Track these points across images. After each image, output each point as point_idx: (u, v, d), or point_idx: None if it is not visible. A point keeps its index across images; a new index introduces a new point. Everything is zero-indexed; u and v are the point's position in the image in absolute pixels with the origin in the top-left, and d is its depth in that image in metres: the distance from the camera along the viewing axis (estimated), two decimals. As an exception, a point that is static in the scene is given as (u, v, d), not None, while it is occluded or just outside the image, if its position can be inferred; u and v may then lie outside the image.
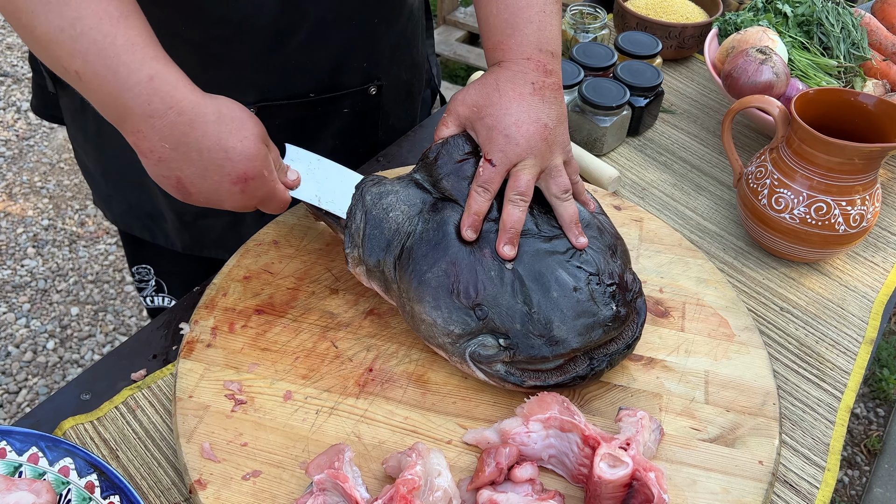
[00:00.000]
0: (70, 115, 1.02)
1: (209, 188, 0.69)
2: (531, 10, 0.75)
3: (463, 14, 3.27)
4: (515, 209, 0.73)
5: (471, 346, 0.72)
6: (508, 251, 0.72)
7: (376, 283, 0.77)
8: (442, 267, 0.72)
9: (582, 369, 0.73)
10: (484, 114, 0.74)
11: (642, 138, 1.17)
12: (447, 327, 0.72)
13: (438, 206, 0.76)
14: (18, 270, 2.38)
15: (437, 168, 0.77)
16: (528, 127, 0.72)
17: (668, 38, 1.29)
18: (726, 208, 1.05)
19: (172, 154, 0.66)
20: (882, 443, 2.05)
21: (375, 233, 0.76)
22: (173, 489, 0.71)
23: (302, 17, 0.87)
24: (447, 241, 0.73)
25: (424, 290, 0.72)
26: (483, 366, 0.72)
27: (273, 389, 0.74)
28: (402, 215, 0.76)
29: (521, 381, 0.72)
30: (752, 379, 0.78)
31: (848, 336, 0.90)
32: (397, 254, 0.75)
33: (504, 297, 0.71)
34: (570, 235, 0.74)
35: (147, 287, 1.23)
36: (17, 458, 0.66)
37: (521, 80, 0.74)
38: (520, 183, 0.73)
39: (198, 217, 1.03)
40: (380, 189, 0.77)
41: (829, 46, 1.18)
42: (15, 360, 2.14)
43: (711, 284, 0.88)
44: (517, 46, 0.75)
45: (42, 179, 2.70)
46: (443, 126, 0.78)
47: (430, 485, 0.62)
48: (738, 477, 0.69)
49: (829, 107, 0.92)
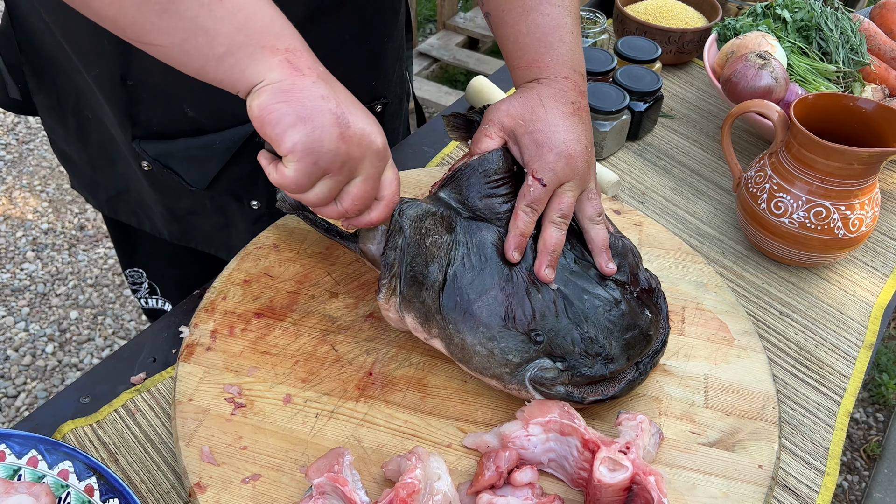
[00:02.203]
0: (46, 111, 1.02)
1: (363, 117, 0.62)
2: (562, 30, 0.75)
3: (463, 19, 3.28)
4: (557, 231, 0.71)
5: (530, 370, 0.69)
6: (549, 274, 0.70)
7: (413, 316, 0.72)
8: (492, 294, 0.69)
9: (632, 375, 0.72)
10: (532, 128, 0.72)
11: (642, 143, 1.17)
12: (505, 357, 0.69)
13: (472, 227, 0.73)
14: (17, 274, 2.38)
15: (469, 186, 0.74)
16: (574, 147, 0.71)
17: (668, 42, 1.30)
18: (726, 213, 1.06)
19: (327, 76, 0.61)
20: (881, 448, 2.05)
21: (417, 260, 0.71)
22: (173, 493, 0.70)
23: (322, 36, 0.86)
24: (490, 266, 0.71)
25: (475, 321, 0.69)
26: (544, 388, 0.70)
27: (273, 393, 0.74)
28: (440, 239, 0.72)
29: (582, 399, 0.70)
30: (752, 383, 0.78)
31: (847, 340, 0.90)
32: (440, 283, 0.71)
33: (556, 320, 0.70)
34: (599, 259, 0.73)
35: (140, 289, 1.24)
36: (17, 461, 0.66)
37: (562, 99, 0.73)
38: (563, 204, 0.72)
39: (188, 213, 1.03)
40: (416, 212, 0.72)
41: (828, 51, 1.19)
42: (14, 363, 2.13)
43: (711, 289, 0.88)
44: (553, 65, 0.74)
45: (42, 183, 2.70)
46: (486, 137, 0.75)
47: (430, 488, 0.62)
48: (738, 481, 0.69)
49: (828, 112, 0.92)
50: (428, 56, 3.20)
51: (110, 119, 0.94)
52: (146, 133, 0.93)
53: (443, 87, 3.00)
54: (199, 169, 0.96)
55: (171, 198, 1.01)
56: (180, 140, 0.93)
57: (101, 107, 0.94)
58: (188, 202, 1.02)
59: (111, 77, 0.87)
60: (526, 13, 0.76)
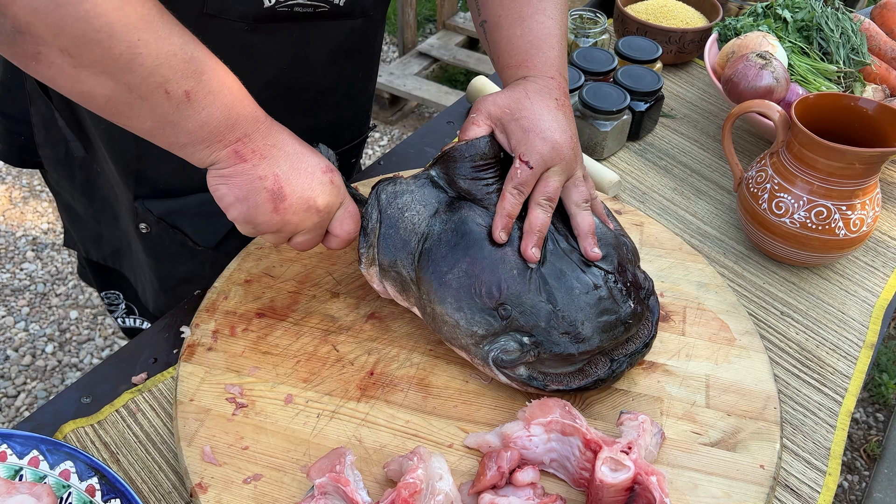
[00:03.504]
0: (53, 163, 1.03)
1: (303, 183, 0.71)
2: (552, 38, 0.80)
3: (462, 19, 3.28)
4: (543, 213, 0.73)
5: (493, 350, 0.71)
6: (535, 253, 0.72)
7: (391, 285, 0.77)
8: (462, 267, 0.72)
9: (603, 372, 0.73)
10: (518, 115, 0.75)
11: (643, 143, 1.17)
12: (470, 328, 0.71)
13: (455, 205, 0.76)
14: (17, 274, 2.38)
15: (456, 167, 0.76)
16: (560, 134, 0.74)
17: (669, 42, 1.30)
18: (727, 213, 1.06)
19: (273, 151, 0.69)
20: (882, 448, 2.05)
21: (391, 232, 0.75)
22: (174, 493, 0.70)
23: (306, 88, 0.92)
24: (467, 241, 0.73)
25: (446, 291, 0.72)
26: (506, 370, 0.72)
27: (274, 393, 0.74)
28: (417, 215, 0.75)
29: (545, 386, 0.72)
30: (753, 383, 0.78)
31: (848, 340, 0.90)
32: (416, 255, 0.74)
33: (528, 296, 0.71)
34: (584, 244, 0.75)
35: (117, 310, 1.23)
36: (18, 461, 0.66)
37: (547, 94, 0.76)
38: (549, 188, 0.74)
39: (181, 282, 1.03)
40: (395, 188, 0.77)
41: (829, 51, 1.19)
42: (14, 363, 2.13)
43: (712, 289, 0.88)
44: (542, 65, 0.78)
45: (41, 183, 2.70)
46: (473, 125, 0.77)
47: (432, 489, 0.62)
48: (740, 481, 0.69)
49: (828, 111, 0.92)
50: (428, 56, 3.20)
51: (114, 177, 0.95)
52: (152, 191, 0.94)
53: (443, 87, 3.00)
54: (209, 226, 0.97)
55: (165, 264, 1.02)
56: (191, 196, 0.94)
57: (107, 164, 0.95)
58: (185, 267, 1.01)
59: (122, 131, 0.87)
60: (521, 20, 0.80)
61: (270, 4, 0.79)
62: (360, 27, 0.90)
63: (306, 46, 0.87)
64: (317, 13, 0.83)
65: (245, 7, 0.78)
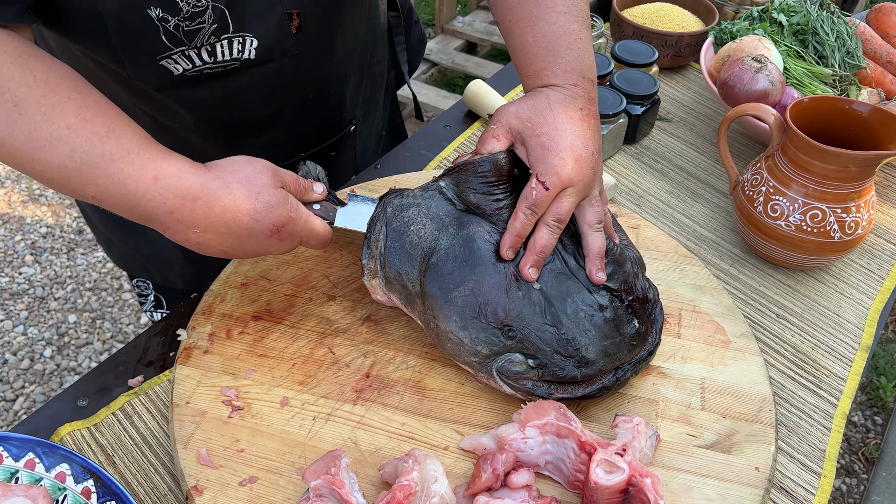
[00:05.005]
0: None
1: (251, 249, 0.72)
2: (569, 37, 0.75)
3: (461, 23, 3.29)
4: (549, 234, 0.72)
5: (498, 361, 0.71)
6: (533, 273, 0.71)
7: (396, 296, 0.76)
8: (469, 286, 0.71)
9: (608, 380, 0.73)
10: (539, 131, 0.72)
11: (639, 146, 1.18)
12: (474, 347, 0.71)
13: (463, 220, 0.74)
14: (16, 278, 2.38)
15: (469, 180, 0.74)
16: (580, 153, 0.71)
17: (665, 46, 1.30)
18: (722, 215, 1.06)
19: (205, 235, 0.68)
20: (880, 451, 2.05)
21: (396, 245, 0.74)
22: (170, 495, 0.71)
23: (245, 120, 0.93)
24: (474, 258, 0.72)
25: (451, 308, 0.71)
26: (511, 381, 0.71)
27: (270, 396, 0.75)
28: (423, 228, 0.74)
29: (549, 394, 0.71)
30: (749, 385, 0.78)
31: (844, 343, 0.90)
32: (421, 269, 0.73)
33: (533, 318, 0.70)
34: (591, 266, 0.73)
35: (147, 301, 1.23)
36: (14, 463, 0.66)
37: (571, 104, 0.73)
38: (561, 209, 0.72)
39: None
40: (402, 201, 0.76)
41: (824, 55, 1.19)
42: (12, 367, 2.13)
43: (707, 291, 0.88)
44: (562, 73, 0.75)
45: (40, 187, 2.70)
46: (493, 139, 0.75)
47: (427, 491, 0.62)
48: (735, 483, 0.70)
49: (823, 115, 0.93)
50: (426, 60, 3.20)
51: None
52: None
53: (441, 91, 3.00)
54: None
55: None
56: None
57: None
58: None
59: None
60: (532, 23, 0.76)
61: (179, 73, 0.80)
62: (291, 64, 0.88)
63: (236, 91, 0.87)
64: (229, 70, 0.83)
65: (158, 77, 0.80)
